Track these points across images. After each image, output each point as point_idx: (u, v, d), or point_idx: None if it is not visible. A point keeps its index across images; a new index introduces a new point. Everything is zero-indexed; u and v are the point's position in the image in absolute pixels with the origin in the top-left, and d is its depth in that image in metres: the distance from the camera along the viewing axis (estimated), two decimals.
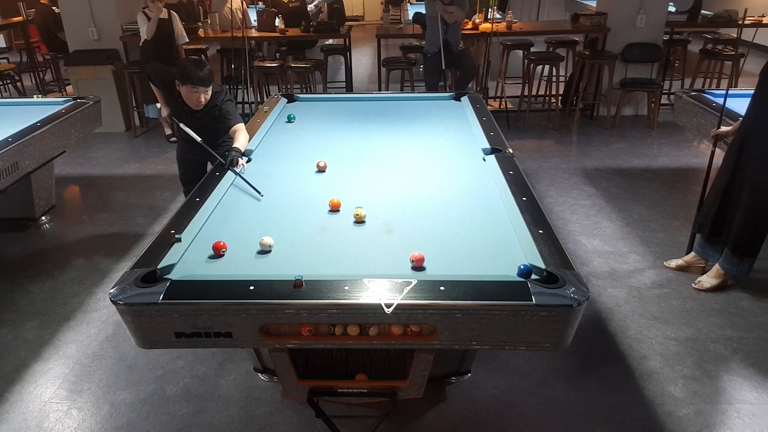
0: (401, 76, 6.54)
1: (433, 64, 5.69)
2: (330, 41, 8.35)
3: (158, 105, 5.47)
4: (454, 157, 2.88)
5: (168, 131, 3.36)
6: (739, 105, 3.66)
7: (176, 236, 2.01)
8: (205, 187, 2.47)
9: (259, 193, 2.44)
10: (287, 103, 3.90)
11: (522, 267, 1.75)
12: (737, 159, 3.00)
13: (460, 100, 3.90)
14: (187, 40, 5.58)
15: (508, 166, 2.63)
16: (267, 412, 2.43)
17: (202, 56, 6.61)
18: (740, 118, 3.10)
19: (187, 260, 1.92)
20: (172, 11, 5.45)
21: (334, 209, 2.28)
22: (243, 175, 2.57)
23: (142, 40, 5.37)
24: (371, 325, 1.71)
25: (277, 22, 6.40)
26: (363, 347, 2.14)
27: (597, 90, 6.33)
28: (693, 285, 3.24)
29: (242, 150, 2.80)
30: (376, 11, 13.60)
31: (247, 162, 2.82)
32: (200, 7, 7.96)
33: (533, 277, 1.75)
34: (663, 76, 6.51)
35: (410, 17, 7.47)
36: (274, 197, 2.43)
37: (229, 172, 2.61)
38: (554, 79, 6.14)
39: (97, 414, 2.44)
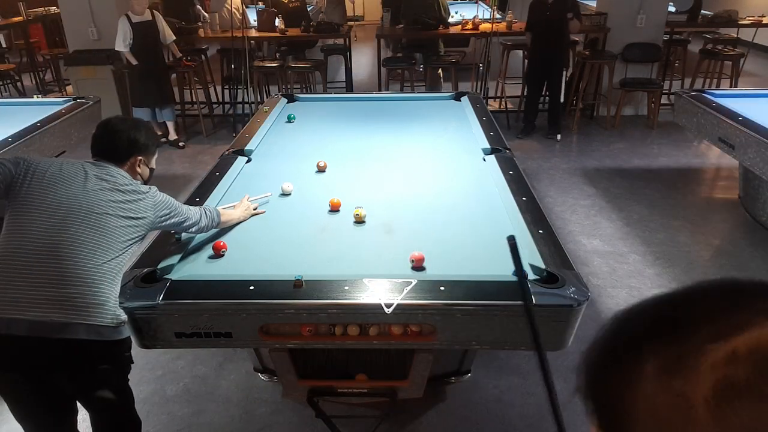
0: (401, 76, 6.54)
1: None
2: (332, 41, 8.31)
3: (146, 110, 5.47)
4: (454, 157, 2.88)
5: None
6: (740, 105, 3.66)
7: (176, 236, 2.01)
8: (205, 187, 2.47)
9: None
10: (287, 103, 3.90)
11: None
12: None
13: (460, 100, 3.89)
14: (174, 38, 5.56)
15: (508, 166, 2.62)
16: (267, 412, 2.43)
17: (202, 57, 6.61)
18: None
19: (187, 260, 1.92)
20: (155, 11, 5.40)
21: (334, 209, 2.28)
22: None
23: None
24: (371, 325, 1.71)
25: (277, 22, 6.40)
26: (363, 347, 2.14)
27: (597, 90, 6.32)
28: None
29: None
30: (376, 11, 13.60)
31: (247, 162, 2.82)
32: (200, 7, 7.97)
33: (532, 277, 1.75)
34: (663, 76, 6.51)
35: None
36: (274, 197, 2.43)
37: (227, 173, 2.62)
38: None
39: None
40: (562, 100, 5.90)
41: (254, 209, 2.25)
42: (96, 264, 1.62)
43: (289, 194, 2.43)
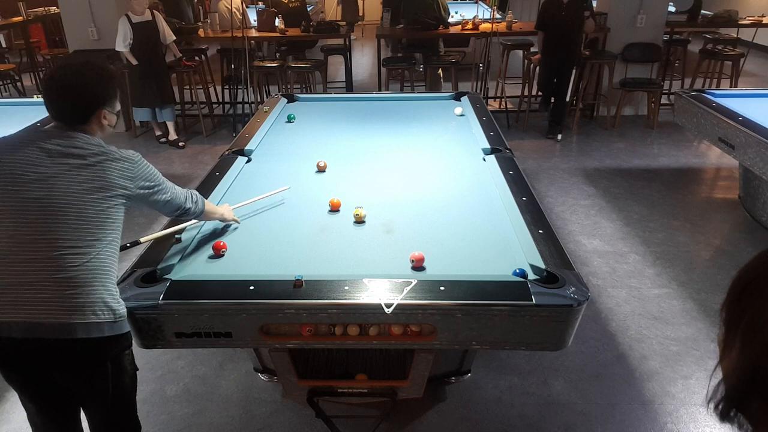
0: (401, 76, 6.54)
1: None
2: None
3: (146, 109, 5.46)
4: (454, 157, 2.88)
5: None
6: (740, 105, 3.67)
7: (176, 236, 2.01)
8: (205, 187, 2.47)
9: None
10: (287, 103, 3.90)
11: (517, 271, 1.75)
12: None
13: (460, 100, 3.90)
14: (174, 38, 5.56)
15: (508, 166, 2.63)
16: (267, 412, 2.43)
17: (202, 57, 6.61)
18: None
19: (187, 260, 1.92)
20: (155, 11, 5.39)
21: (334, 209, 2.28)
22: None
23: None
24: (371, 325, 1.71)
25: (277, 22, 6.40)
26: (363, 347, 2.14)
27: (597, 90, 6.32)
28: None
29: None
30: (376, 11, 13.59)
31: (247, 162, 2.82)
32: (200, 7, 7.97)
33: (531, 277, 1.75)
34: (663, 76, 6.51)
35: None
36: (274, 197, 2.43)
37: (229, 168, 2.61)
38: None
39: None
40: (567, 99, 5.89)
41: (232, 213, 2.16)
42: (83, 261, 1.54)
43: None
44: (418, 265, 1.84)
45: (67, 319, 1.51)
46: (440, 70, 7.23)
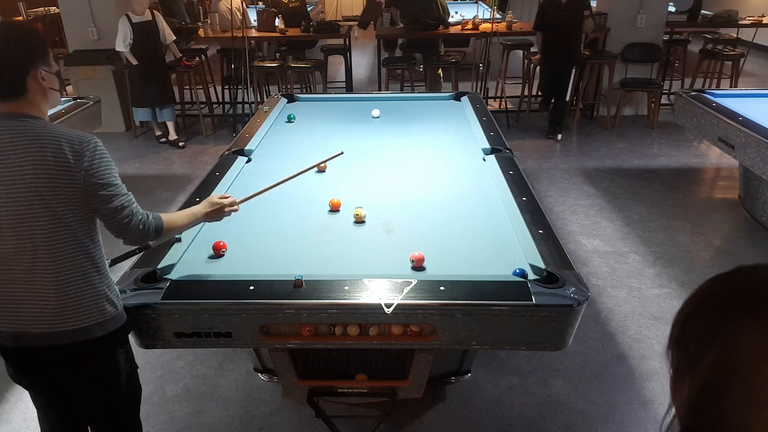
0: (401, 76, 6.53)
1: None
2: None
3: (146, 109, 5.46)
4: (454, 157, 2.88)
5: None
6: (740, 105, 3.67)
7: (176, 236, 2.01)
8: (205, 186, 2.47)
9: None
10: (287, 103, 3.90)
11: (517, 271, 1.75)
12: None
13: (460, 100, 3.90)
14: (174, 38, 5.55)
15: (508, 166, 2.63)
16: (267, 412, 2.43)
17: (202, 56, 6.61)
18: None
19: (187, 260, 1.92)
20: (155, 11, 5.39)
21: (334, 209, 2.28)
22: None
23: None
24: (371, 325, 1.71)
25: (277, 22, 6.40)
26: (363, 347, 2.14)
27: (597, 90, 6.32)
28: None
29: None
30: None
31: (247, 162, 2.82)
32: (200, 7, 7.97)
33: (531, 277, 1.75)
34: (663, 76, 6.51)
35: None
36: (274, 197, 2.43)
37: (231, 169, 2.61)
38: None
39: None
40: (567, 99, 5.88)
41: (230, 203, 1.86)
42: (52, 268, 1.45)
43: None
44: (418, 265, 1.84)
45: (51, 328, 1.48)
46: (440, 70, 7.22)
